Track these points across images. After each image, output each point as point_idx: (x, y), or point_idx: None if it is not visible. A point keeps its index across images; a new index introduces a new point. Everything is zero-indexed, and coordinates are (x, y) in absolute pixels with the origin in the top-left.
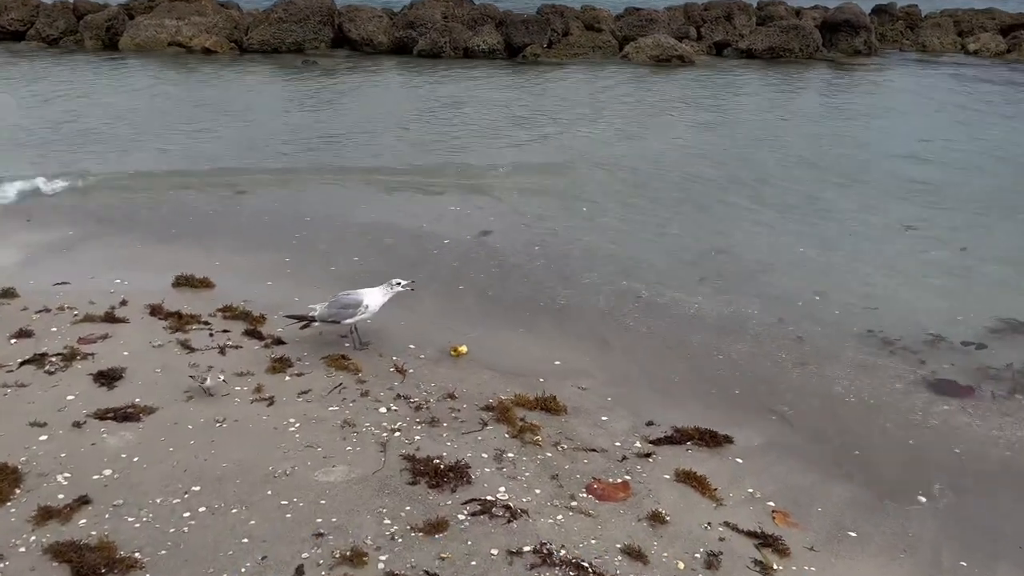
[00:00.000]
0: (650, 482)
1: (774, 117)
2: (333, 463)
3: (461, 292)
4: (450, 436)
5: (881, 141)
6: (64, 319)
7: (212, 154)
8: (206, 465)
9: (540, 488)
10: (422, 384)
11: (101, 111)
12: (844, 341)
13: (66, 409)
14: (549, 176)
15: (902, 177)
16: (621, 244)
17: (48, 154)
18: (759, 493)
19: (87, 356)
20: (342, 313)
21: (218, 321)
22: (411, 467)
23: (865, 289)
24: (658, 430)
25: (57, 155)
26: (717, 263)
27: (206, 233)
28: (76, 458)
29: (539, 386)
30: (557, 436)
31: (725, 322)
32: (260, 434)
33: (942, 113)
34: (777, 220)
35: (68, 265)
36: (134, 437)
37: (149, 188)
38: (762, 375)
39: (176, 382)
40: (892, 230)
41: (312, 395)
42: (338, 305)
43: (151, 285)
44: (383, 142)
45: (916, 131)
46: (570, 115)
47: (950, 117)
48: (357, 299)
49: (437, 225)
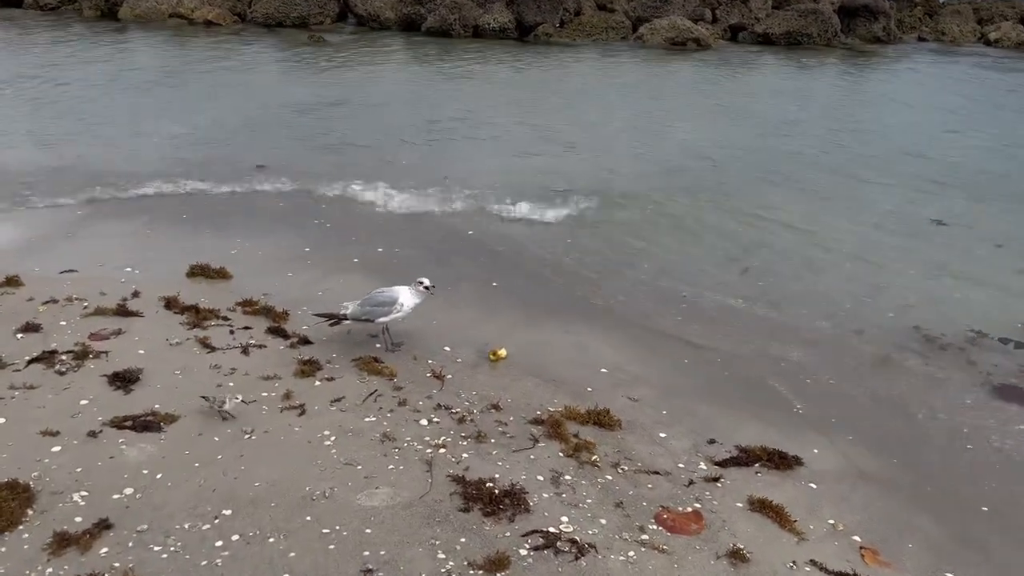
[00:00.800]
0: (723, 511)
1: (796, 107)
2: (376, 484)
3: (494, 289)
4: (500, 454)
5: (905, 132)
6: (73, 312)
7: (219, 134)
8: (237, 484)
9: (605, 518)
10: (462, 392)
11: (101, 85)
12: (904, 348)
13: (80, 416)
14: (574, 167)
15: (928, 169)
16: (654, 239)
17: (46, 132)
18: (841, 525)
19: (100, 355)
20: (376, 311)
21: (238, 316)
22: (462, 491)
23: (912, 289)
24: (721, 449)
25: (56, 132)
26: (757, 260)
27: (218, 217)
28: (93, 474)
29: (587, 396)
30: (615, 455)
31: (775, 327)
32: (293, 448)
33: (965, 104)
34: (809, 214)
35: (74, 251)
36: (156, 450)
37: (155, 168)
38: (823, 387)
39: (198, 386)
40: (923, 224)
41: (346, 403)
42: (372, 303)
43: (164, 274)
44: (400, 123)
45: (940, 122)
46: (586, 100)
47: (973, 108)
48: (392, 296)
49: (461, 215)
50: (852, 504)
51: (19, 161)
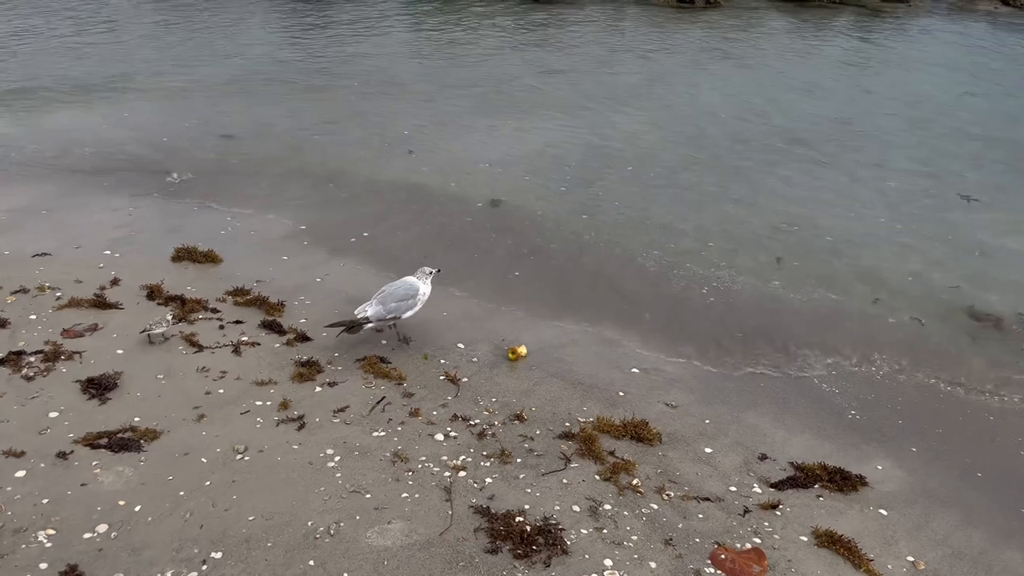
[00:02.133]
0: (785, 547)
1: (810, 69)
2: (388, 518)
3: (508, 276)
4: (528, 477)
5: (924, 97)
6: (45, 303)
7: (203, 92)
8: (228, 518)
9: (655, 559)
10: (480, 399)
11: (68, 42)
12: (960, 338)
13: (49, 432)
14: (583, 138)
15: (951, 138)
16: (679, 216)
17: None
18: (922, 564)
19: (73, 355)
20: (401, 307)
21: (228, 308)
22: (488, 526)
23: (957, 272)
24: (775, 467)
25: (21, 90)
26: (788, 239)
27: (204, 188)
28: (62, 506)
29: (620, 402)
30: (658, 478)
31: (817, 316)
32: (292, 472)
33: (983, 68)
34: (834, 186)
35: (50, 228)
36: (134, 474)
37: (134, 132)
38: (879, 391)
39: (183, 392)
40: (951, 200)
41: (351, 413)
42: (395, 299)
43: (147, 257)
44: (400, 89)
45: (958, 85)
46: (593, 65)
47: (991, 72)
48: (413, 287)
49: (467, 184)
50: (930, 535)
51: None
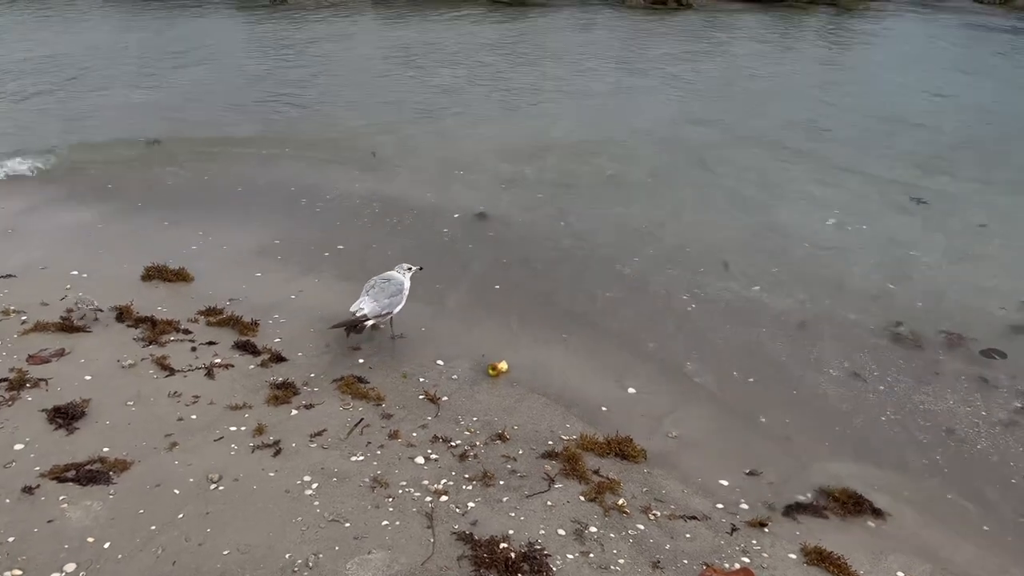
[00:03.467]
0: (775, 566)
1: (780, 70)
2: (368, 547)
3: (486, 288)
4: (511, 501)
5: (891, 98)
6: (10, 328)
7: (173, 112)
8: (201, 553)
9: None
10: (461, 419)
11: (37, 56)
12: (945, 349)
13: (14, 465)
14: (557, 143)
15: (920, 141)
16: (655, 222)
17: None
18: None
19: (39, 383)
20: (393, 302)
21: (201, 329)
22: (472, 554)
23: (934, 280)
24: (762, 482)
25: None
26: (767, 245)
27: (177, 205)
28: (28, 544)
29: (602, 417)
30: (644, 496)
31: (806, 326)
32: (268, 501)
33: (952, 66)
34: (806, 190)
35: (13, 248)
36: (103, 509)
37: (101, 152)
38: (853, 393)
39: (154, 419)
40: (898, 203)
41: (328, 437)
42: (386, 295)
43: (115, 278)
44: (362, 97)
45: (927, 85)
46: (566, 66)
47: (961, 71)
48: (399, 283)
49: (442, 197)
50: (922, 547)
51: None
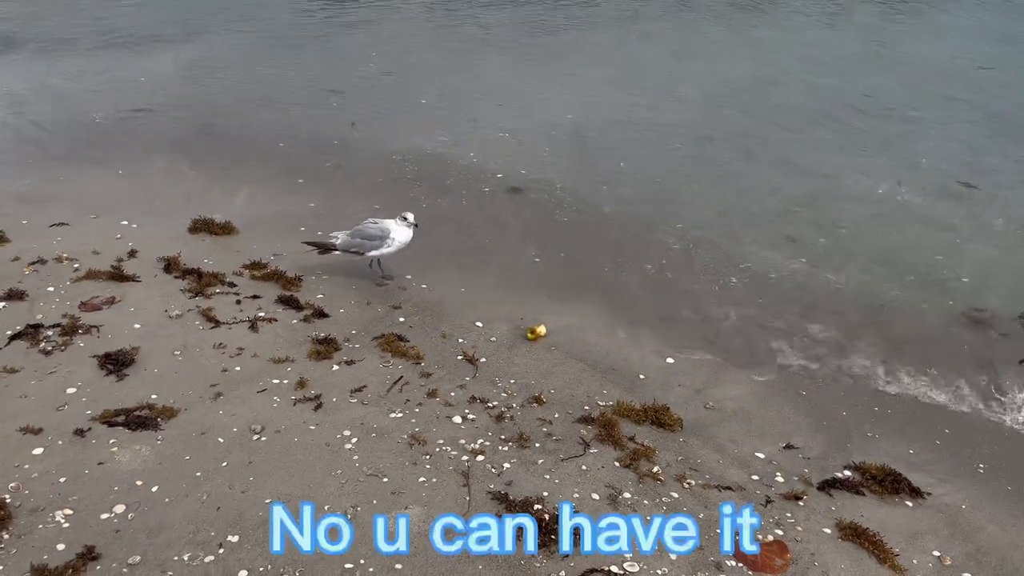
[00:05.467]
0: (808, 539)
1: (832, 40)
2: (405, 503)
3: (524, 251)
4: (546, 463)
5: (930, 71)
6: (63, 275)
7: (218, 61)
8: (244, 501)
9: (675, 551)
10: (499, 380)
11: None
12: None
13: (66, 408)
14: (602, 111)
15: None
16: (699, 190)
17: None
18: (949, 559)
19: (91, 329)
20: (367, 244)
21: (245, 282)
22: (506, 512)
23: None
24: (798, 456)
25: (35, 59)
26: (815, 217)
27: (222, 158)
28: (79, 485)
29: (639, 385)
30: (679, 465)
31: (852, 300)
32: (309, 453)
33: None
34: (855, 164)
35: (67, 197)
36: (151, 453)
37: (151, 101)
38: (899, 374)
39: (200, 369)
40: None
41: (368, 393)
42: (362, 235)
43: (164, 228)
44: (409, 60)
45: (973, 58)
46: (613, 36)
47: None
48: (384, 229)
49: (485, 157)
50: (961, 528)
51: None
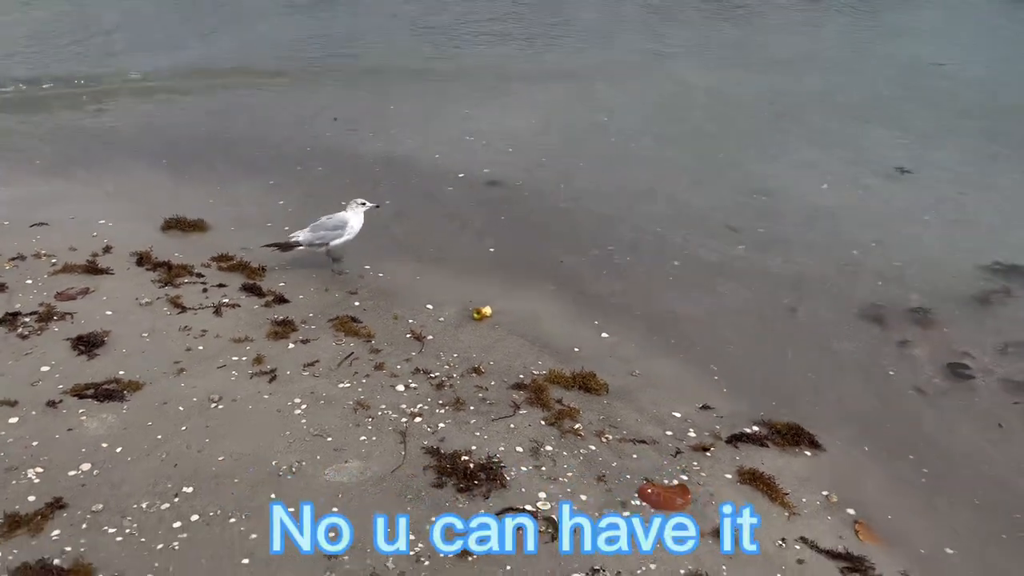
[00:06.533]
0: (710, 483)
1: (799, 43)
2: (346, 458)
3: (483, 244)
4: (478, 423)
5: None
6: (41, 268)
7: (194, 62)
8: (200, 459)
9: (586, 493)
10: (443, 354)
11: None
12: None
13: (40, 384)
14: (566, 112)
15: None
16: (653, 185)
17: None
18: (835, 496)
19: (65, 316)
20: (329, 235)
21: (213, 273)
22: (436, 464)
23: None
24: (712, 415)
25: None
26: (757, 207)
27: (197, 161)
28: (50, 447)
29: (574, 357)
30: (600, 423)
31: (782, 284)
32: (261, 418)
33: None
34: (799, 158)
35: (46, 199)
36: (117, 420)
37: (129, 101)
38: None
39: (165, 349)
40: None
41: (320, 367)
42: (324, 228)
43: (138, 227)
44: (385, 58)
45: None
46: (587, 40)
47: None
48: (343, 220)
49: (448, 157)
50: (847, 475)
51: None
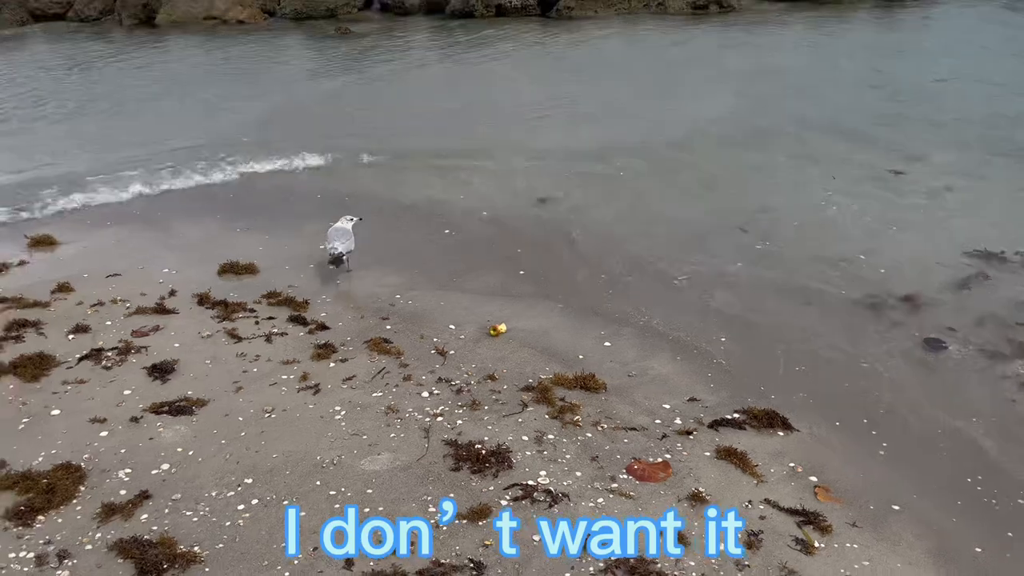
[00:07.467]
0: (690, 460)
1: (811, 67)
2: (378, 451)
3: (497, 269)
4: (491, 419)
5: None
6: (117, 312)
7: (245, 133)
8: (257, 457)
9: (581, 470)
10: (463, 365)
11: (128, 88)
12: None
13: (123, 404)
14: (582, 143)
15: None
16: (656, 210)
17: (84, 137)
18: (800, 467)
19: (141, 349)
20: (350, 243)
21: (263, 308)
22: (454, 452)
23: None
24: (698, 406)
25: (89, 140)
26: (757, 225)
27: (246, 215)
28: (135, 453)
29: (578, 363)
30: (597, 415)
31: (774, 293)
32: (307, 423)
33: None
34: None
35: (120, 255)
36: (188, 430)
37: (185, 171)
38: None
39: (225, 372)
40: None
41: (356, 381)
42: (346, 237)
43: (198, 273)
44: (418, 116)
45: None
46: (599, 77)
47: None
48: (345, 229)
49: (471, 196)
50: (813, 450)
51: (75, 171)
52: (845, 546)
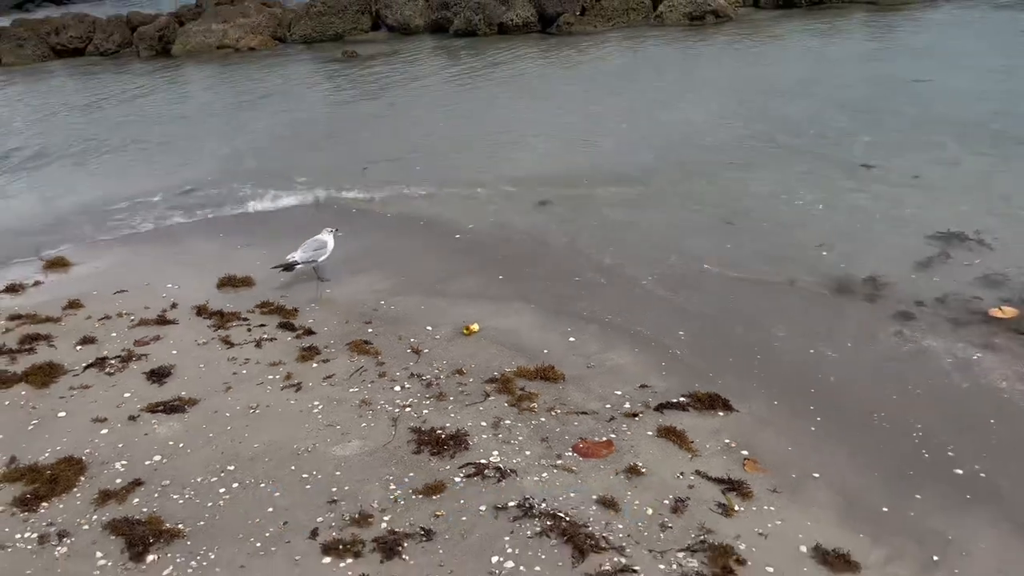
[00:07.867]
0: (633, 439)
1: (827, 81)
2: (349, 439)
3: (473, 276)
4: (454, 408)
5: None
6: (122, 324)
7: (253, 155)
8: (240, 447)
9: (530, 450)
10: (435, 362)
11: (147, 118)
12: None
13: (123, 405)
14: (567, 153)
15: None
16: (631, 219)
17: (102, 164)
18: (735, 443)
19: (141, 357)
20: (317, 254)
21: (256, 316)
22: (417, 438)
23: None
24: (648, 391)
25: (103, 165)
26: (726, 228)
27: (246, 233)
28: (131, 447)
29: (542, 357)
30: (552, 402)
31: (733, 287)
32: (288, 417)
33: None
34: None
35: (127, 273)
36: (180, 426)
37: (193, 193)
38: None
39: (217, 375)
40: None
41: (336, 379)
42: (311, 248)
43: (198, 287)
44: (419, 137)
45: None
46: (604, 89)
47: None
48: (322, 242)
49: (452, 211)
50: (748, 429)
51: (88, 197)
52: (763, 509)
